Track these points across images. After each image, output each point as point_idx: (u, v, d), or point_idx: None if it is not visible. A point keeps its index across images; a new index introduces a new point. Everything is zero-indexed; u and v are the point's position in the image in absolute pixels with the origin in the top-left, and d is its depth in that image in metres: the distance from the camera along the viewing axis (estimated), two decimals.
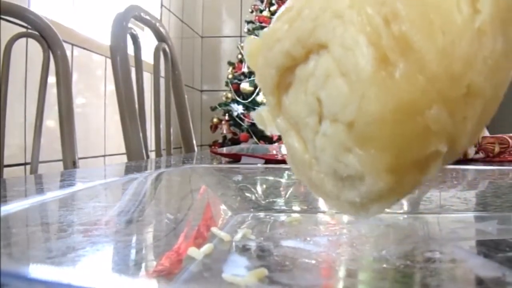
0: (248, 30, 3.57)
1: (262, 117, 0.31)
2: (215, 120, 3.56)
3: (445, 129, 0.24)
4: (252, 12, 3.59)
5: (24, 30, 1.29)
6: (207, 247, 0.29)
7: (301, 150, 0.29)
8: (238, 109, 3.45)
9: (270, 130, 0.32)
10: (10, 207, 0.25)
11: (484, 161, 0.77)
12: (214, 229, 0.34)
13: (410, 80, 0.23)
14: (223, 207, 0.43)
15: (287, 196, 0.47)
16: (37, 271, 0.17)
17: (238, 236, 0.33)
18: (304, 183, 0.30)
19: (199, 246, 0.29)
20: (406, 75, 0.23)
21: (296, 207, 0.45)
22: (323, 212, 0.42)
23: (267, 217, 0.41)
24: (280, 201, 0.46)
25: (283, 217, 0.40)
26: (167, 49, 1.44)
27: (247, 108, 3.45)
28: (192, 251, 0.28)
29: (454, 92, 0.24)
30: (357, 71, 0.24)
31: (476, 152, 0.79)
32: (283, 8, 0.29)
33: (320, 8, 0.26)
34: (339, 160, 0.26)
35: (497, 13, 0.24)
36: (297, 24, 0.28)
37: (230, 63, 3.59)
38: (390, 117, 0.24)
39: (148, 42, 1.75)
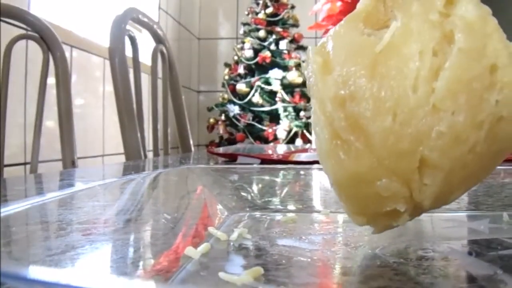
0: (244, 32, 3.57)
1: None
2: (211, 120, 3.56)
3: (400, 195, 0.26)
4: (248, 14, 3.59)
5: (24, 32, 1.29)
6: (204, 247, 0.29)
7: None
8: (234, 109, 3.46)
9: None
10: (10, 207, 0.25)
11: None
12: (210, 229, 0.34)
13: (358, 157, 0.26)
14: (219, 206, 0.43)
15: (282, 195, 0.47)
16: (36, 269, 0.17)
17: (235, 235, 0.33)
18: None
19: (196, 245, 0.30)
20: (355, 152, 0.26)
21: (291, 207, 0.45)
22: (318, 212, 0.42)
23: (263, 216, 0.41)
24: (276, 201, 0.46)
25: (278, 216, 0.41)
26: (165, 51, 1.45)
27: (243, 108, 3.46)
28: (189, 251, 0.29)
29: (405, 167, 0.26)
30: (320, 141, 0.28)
31: None
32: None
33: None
34: None
35: (458, 88, 0.25)
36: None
37: (227, 65, 3.60)
38: (343, 183, 0.27)
39: (146, 44, 1.75)
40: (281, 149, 1.37)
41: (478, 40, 0.25)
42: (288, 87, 3.40)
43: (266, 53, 3.43)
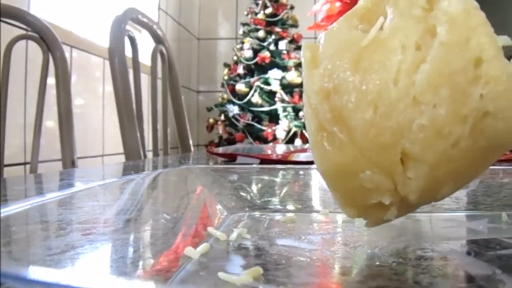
0: (244, 32, 3.57)
1: None
2: (211, 120, 3.56)
3: (384, 187, 0.27)
4: (247, 14, 3.59)
5: (24, 32, 1.29)
6: (203, 247, 0.29)
7: None
8: (233, 109, 3.46)
9: None
10: (10, 207, 0.25)
11: None
12: (210, 229, 0.34)
13: (342, 148, 0.27)
14: (219, 206, 0.43)
15: (281, 195, 0.48)
16: (36, 269, 0.18)
17: (234, 235, 0.33)
18: None
19: (195, 245, 0.30)
20: (339, 144, 0.27)
21: (290, 206, 0.45)
22: (317, 211, 0.42)
23: (262, 216, 0.41)
24: (275, 201, 0.46)
25: (278, 216, 0.41)
26: (164, 51, 1.45)
27: (243, 108, 3.46)
28: (189, 251, 0.29)
29: (387, 159, 0.26)
30: (309, 133, 0.29)
31: None
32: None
33: None
34: None
35: (439, 81, 0.25)
36: None
37: (226, 65, 3.60)
38: (330, 174, 0.28)
39: (146, 44, 1.75)
40: (280, 149, 1.37)
41: (461, 33, 0.25)
42: (288, 87, 3.41)
43: (266, 53, 3.43)
